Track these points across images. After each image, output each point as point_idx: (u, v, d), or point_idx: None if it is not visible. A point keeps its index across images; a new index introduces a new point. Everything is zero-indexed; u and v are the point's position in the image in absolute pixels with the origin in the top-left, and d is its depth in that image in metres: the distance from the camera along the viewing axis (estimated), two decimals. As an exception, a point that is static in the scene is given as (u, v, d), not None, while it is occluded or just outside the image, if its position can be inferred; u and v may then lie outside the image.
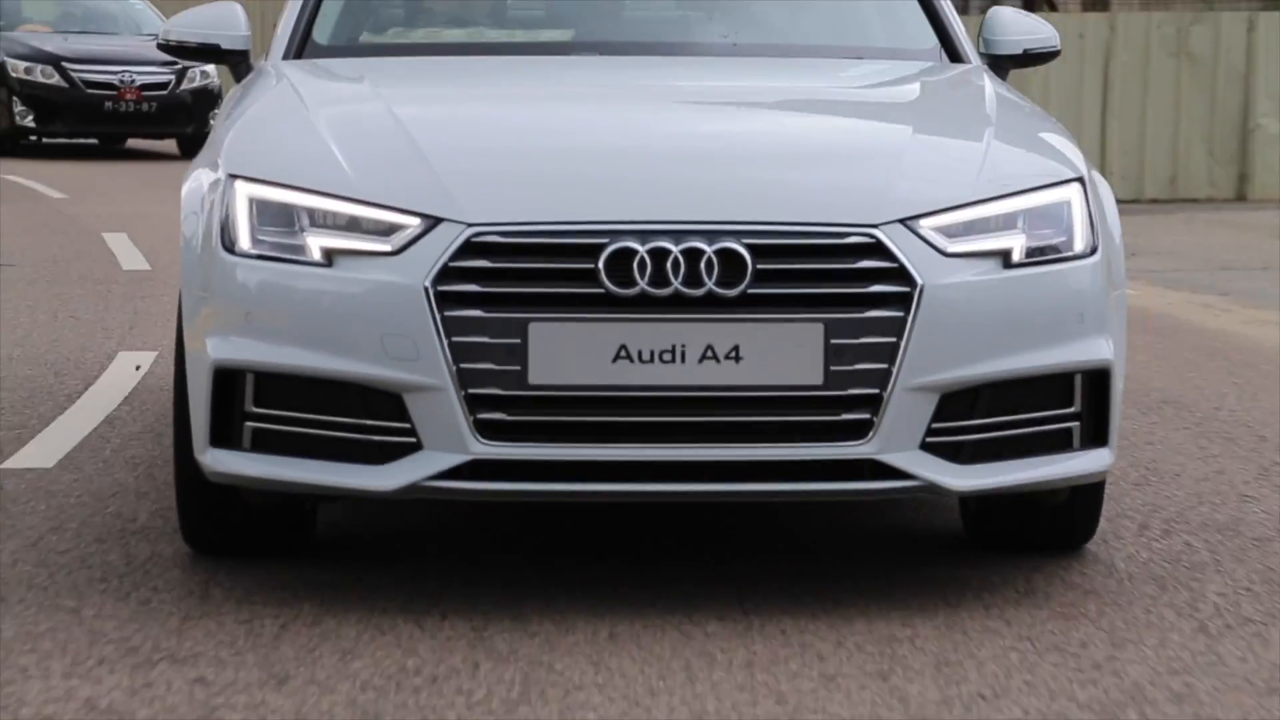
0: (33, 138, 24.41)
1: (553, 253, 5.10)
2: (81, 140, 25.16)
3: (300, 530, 5.77)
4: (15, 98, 23.91)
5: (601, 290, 5.08)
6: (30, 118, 24.07)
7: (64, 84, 23.98)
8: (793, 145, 5.58)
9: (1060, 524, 5.88)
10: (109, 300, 11.39)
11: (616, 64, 6.29)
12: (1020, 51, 6.59)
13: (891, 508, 6.44)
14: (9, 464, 6.97)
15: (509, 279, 5.09)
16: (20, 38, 24.57)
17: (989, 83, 6.20)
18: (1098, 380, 5.43)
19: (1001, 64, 6.59)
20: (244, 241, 5.28)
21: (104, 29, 25.55)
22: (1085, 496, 5.79)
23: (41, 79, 24.00)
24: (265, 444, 5.27)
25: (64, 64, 24.10)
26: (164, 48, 6.51)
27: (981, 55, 6.58)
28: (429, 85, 6.13)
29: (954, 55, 6.52)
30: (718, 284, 5.09)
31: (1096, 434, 5.45)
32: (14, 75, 23.93)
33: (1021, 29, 6.60)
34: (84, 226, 15.55)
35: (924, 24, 6.59)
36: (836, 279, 5.15)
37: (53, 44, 24.52)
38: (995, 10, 6.66)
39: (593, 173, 5.29)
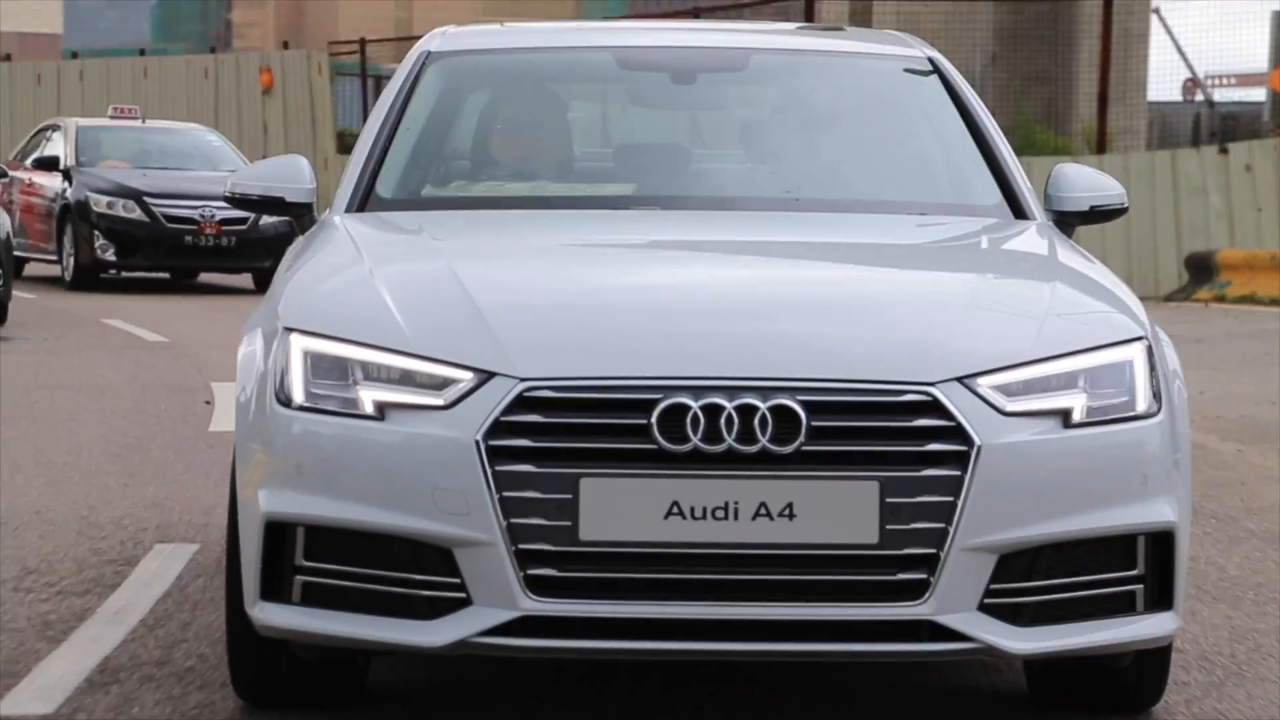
0: (112, 271, 24.54)
1: (605, 408, 5.01)
2: (154, 275, 25.30)
3: (352, 681, 5.66)
4: (97, 231, 24.10)
5: (654, 446, 4.98)
6: (111, 251, 24.27)
7: (145, 218, 24.19)
8: (849, 300, 5.48)
9: (1126, 686, 5.71)
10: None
11: (677, 218, 6.22)
12: (1087, 209, 6.48)
13: (954, 667, 6.27)
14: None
15: (561, 434, 5.00)
16: (101, 173, 24.84)
17: (1052, 240, 6.09)
18: (1161, 543, 5.28)
19: (1068, 220, 6.48)
20: (298, 394, 5.21)
21: (182, 165, 25.80)
22: (1151, 659, 5.63)
23: (123, 213, 24.22)
24: (315, 598, 5.18)
25: (145, 199, 24.33)
26: (231, 200, 6.47)
27: (1047, 211, 6.47)
28: (487, 239, 6.08)
29: (1019, 211, 6.42)
30: (772, 441, 4.98)
31: (1161, 597, 5.30)
32: (96, 210, 24.16)
33: (1088, 185, 6.49)
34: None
35: (989, 180, 6.50)
36: (892, 437, 5.04)
37: (134, 179, 24.76)
38: (1060, 167, 6.56)
39: (646, 328, 5.20)
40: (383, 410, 5.12)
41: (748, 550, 5.00)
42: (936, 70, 6.83)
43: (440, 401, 5.07)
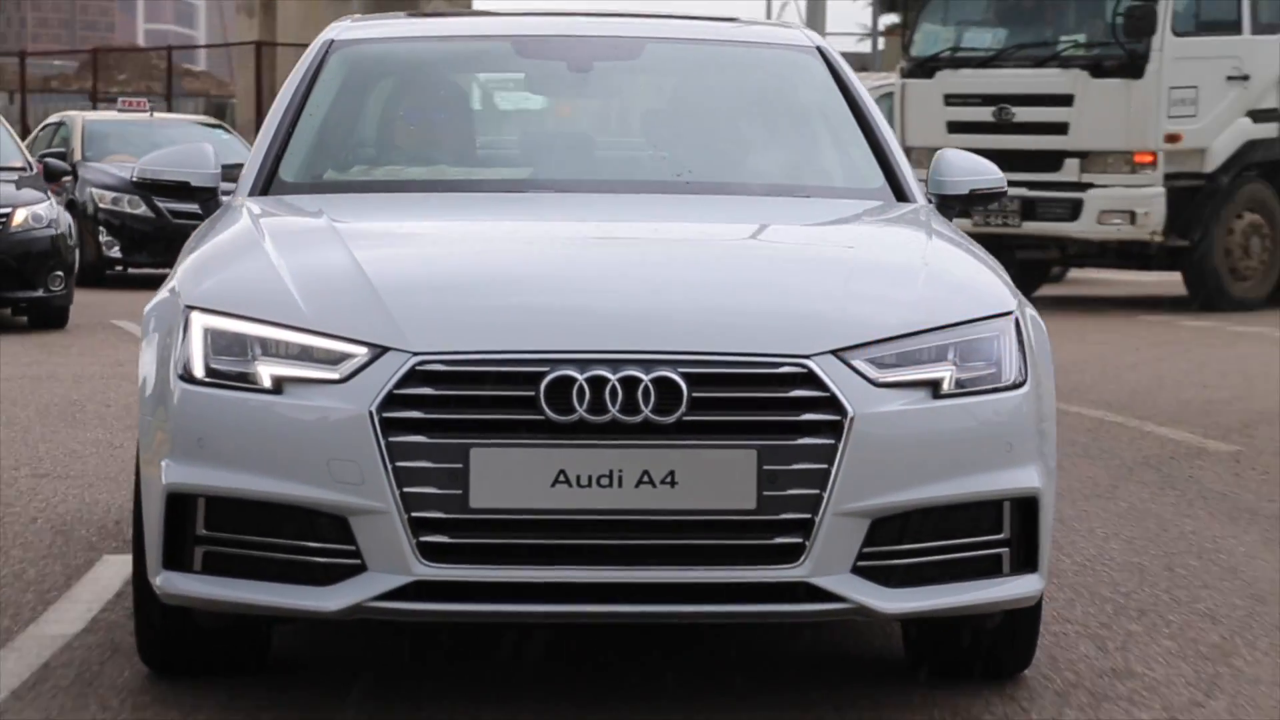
0: (118, 268, 23.89)
1: (494, 381, 5.08)
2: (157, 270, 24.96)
3: (257, 650, 5.71)
4: (101, 228, 23.23)
5: (541, 417, 5.05)
6: (116, 248, 23.44)
7: (151, 214, 23.40)
8: (730, 277, 5.56)
9: (998, 649, 5.80)
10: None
11: (570, 200, 6.28)
12: (967, 191, 6.58)
13: (836, 632, 6.37)
14: None
15: (452, 406, 5.06)
16: (106, 168, 23.74)
17: (929, 221, 6.18)
18: (1026, 508, 5.38)
19: (949, 203, 6.57)
20: (198, 369, 5.26)
21: None
22: (1021, 621, 5.73)
23: (128, 209, 23.47)
24: (215, 566, 5.23)
25: (152, 194, 23.69)
26: (139, 184, 6.51)
27: (931, 195, 6.57)
28: (384, 221, 6.13)
29: (900, 195, 6.51)
30: (654, 411, 5.06)
31: (1026, 560, 5.40)
32: (101, 206, 23.32)
33: (968, 169, 6.59)
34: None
35: (873, 164, 6.59)
36: (770, 407, 5.12)
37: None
38: (942, 152, 6.66)
39: (534, 304, 5.27)
40: (280, 385, 5.17)
41: (631, 516, 5.07)
42: (824, 58, 6.91)
43: (336, 375, 5.13)
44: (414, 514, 5.04)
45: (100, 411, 11.61)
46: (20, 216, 17.24)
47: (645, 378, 5.06)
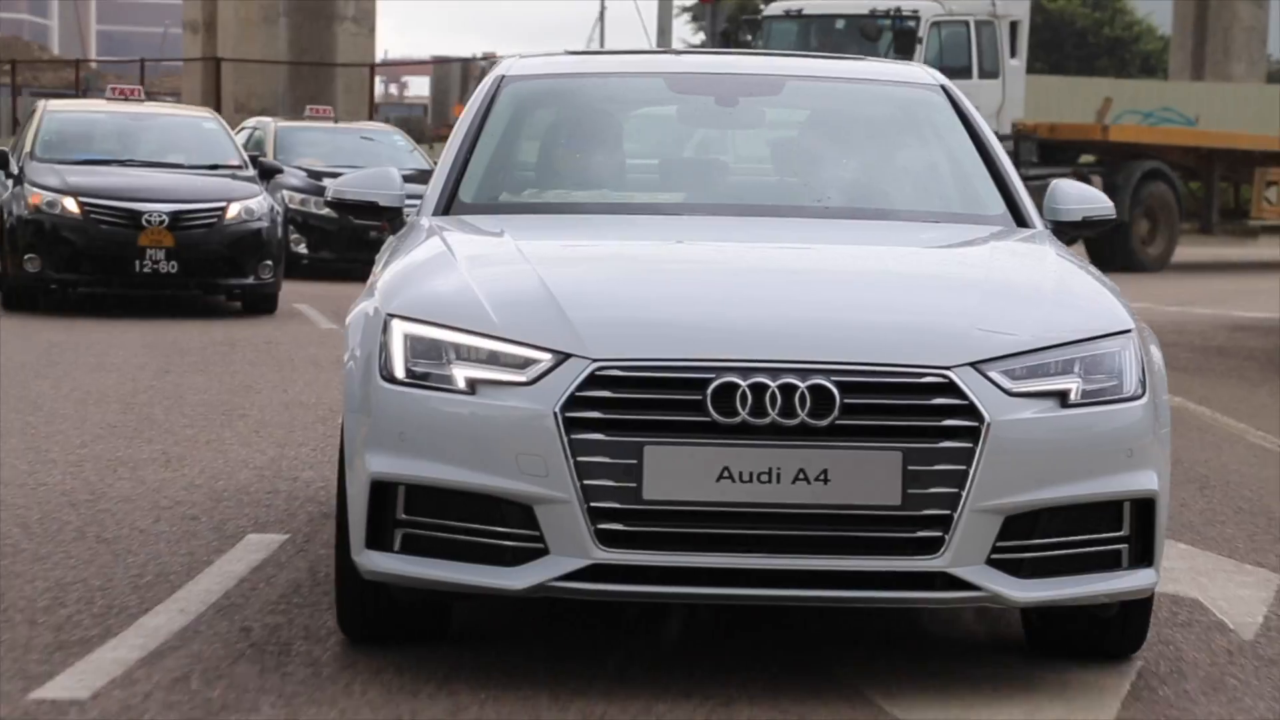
0: (304, 261, 24.49)
1: (666, 385, 5.49)
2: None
3: (439, 622, 6.12)
4: (290, 226, 24.03)
5: (708, 419, 5.45)
6: (303, 245, 24.44)
7: (334, 215, 24.19)
8: (876, 294, 5.96)
9: (1112, 634, 6.16)
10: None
11: (721, 223, 6.69)
12: (1080, 219, 6.95)
13: (961, 620, 6.72)
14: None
15: (627, 407, 5.48)
16: (296, 171, 24.79)
17: (1050, 246, 6.56)
18: (1144, 509, 5.76)
19: (1063, 230, 6.95)
20: (399, 371, 5.68)
21: (370, 164, 25.94)
22: (1135, 609, 6.09)
23: (314, 210, 24.43)
24: (413, 547, 5.66)
25: (343, 213, 24.25)
26: (331, 204, 6.96)
27: (1047, 221, 6.93)
28: (559, 239, 6.55)
29: (1020, 220, 6.88)
30: (810, 415, 5.46)
31: (1143, 555, 5.78)
32: (290, 206, 24.08)
33: (1082, 199, 6.96)
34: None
35: (994, 192, 6.97)
36: (914, 413, 5.52)
37: (324, 178, 24.94)
38: (1056, 183, 7.03)
39: (701, 317, 5.68)
40: (473, 386, 5.60)
41: (788, 510, 5.48)
42: (947, 95, 7.29)
43: (523, 379, 5.54)
44: (593, 504, 5.45)
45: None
46: (234, 210, 17.98)
47: (802, 385, 5.46)
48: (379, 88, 47.66)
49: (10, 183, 18.19)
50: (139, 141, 19.30)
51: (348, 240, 24.51)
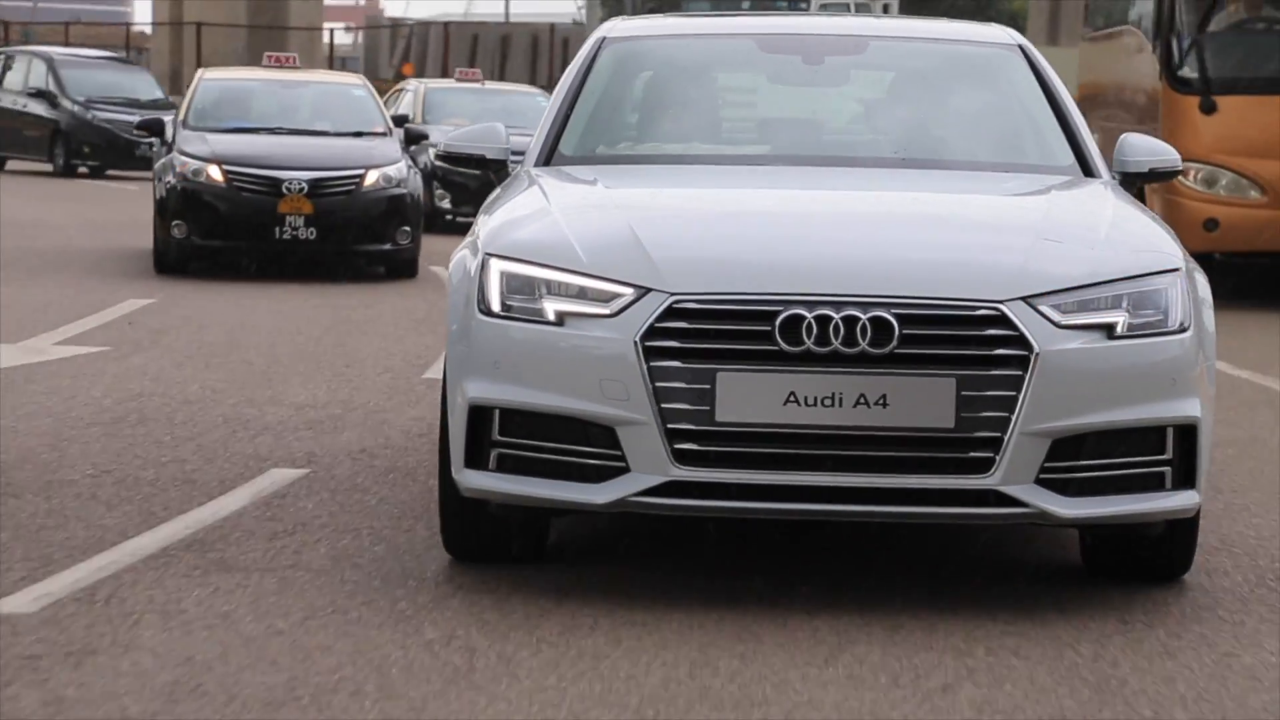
0: (448, 217, 24.97)
1: (737, 317, 5.82)
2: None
3: (536, 541, 6.47)
4: (436, 183, 24.50)
5: (776, 348, 5.78)
6: (447, 200, 24.89)
7: (477, 171, 24.51)
8: (937, 234, 6.26)
9: (1161, 556, 6.41)
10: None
11: (801, 172, 7.00)
12: (1147, 170, 7.17)
13: (1021, 543, 6.99)
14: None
15: (702, 337, 5.82)
16: (444, 131, 25.18)
17: (1111, 193, 6.81)
18: (1186, 434, 6.03)
19: (1130, 180, 7.17)
20: (495, 305, 6.05)
21: (514, 122, 26.15)
22: (1180, 533, 6.33)
23: (459, 166, 24.79)
24: (507, 466, 6.03)
25: (454, 165, 24.65)
26: (442, 157, 7.33)
27: (1115, 173, 7.16)
28: (645, 187, 6.89)
29: (1089, 172, 7.12)
30: (870, 345, 5.77)
31: (1186, 478, 6.04)
32: (436, 163, 24.31)
33: (1149, 151, 7.18)
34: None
35: (1065, 145, 7.21)
36: (968, 343, 5.82)
37: None
38: (1125, 136, 7.27)
39: (771, 254, 6.01)
40: (561, 318, 5.95)
41: (849, 431, 5.80)
42: (1025, 54, 7.54)
43: (607, 311, 5.89)
44: (670, 425, 5.80)
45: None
46: (372, 177, 18.21)
47: (863, 316, 5.77)
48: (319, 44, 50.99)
49: (165, 150, 18.62)
50: (288, 109, 19.55)
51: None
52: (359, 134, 19.21)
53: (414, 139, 20.51)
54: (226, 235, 17.85)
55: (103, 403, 9.92)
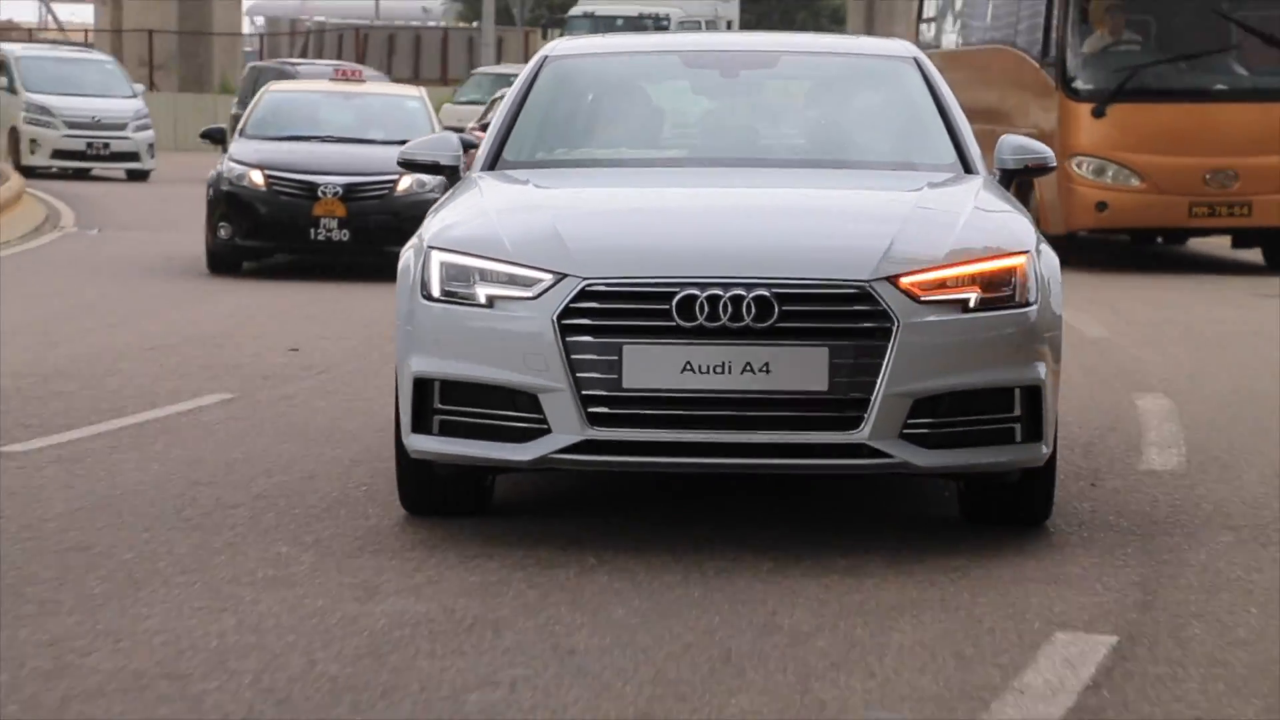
0: None
1: (640, 298, 6.61)
2: None
3: (478, 497, 7.21)
4: None
5: (673, 324, 6.55)
6: None
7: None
8: (816, 222, 7.09)
9: (1023, 502, 7.12)
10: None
11: (713, 172, 7.76)
12: (1022, 166, 7.88)
13: (906, 499, 7.71)
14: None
15: (610, 316, 6.60)
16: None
17: (981, 185, 7.53)
18: (1032, 394, 6.75)
19: (1009, 176, 7.88)
20: (435, 290, 6.82)
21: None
22: (1037, 481, 7.04)
23: None
24: (448, 430, 6.81)
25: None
26: (403, 164, 8.07)
27: (996, 171, 7.87)
28: (571, 186, 7.68)
29: (968, 168, 7.83)
30: (754, 320, 6.53)
31: (1033, 432, 6.75)
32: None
33: (1023, 149, 7.89)
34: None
35: (949, 146, 7.92)
36: (839, 318, 6.58)
37: None
38: (1003, 137, 8.00)
39: (670, 243, 6.81)
40: (491, 301, 6.71)
41: (738, 395, 6.57)
42: (918, 65, 8.25)
43: (529, 294, 6.65)
44: (584, 392, 6.56)
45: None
46: (406, 183, 18.66)
47: (748, 295, 6.52)
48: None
49: (224, 158, 19.29)
50: (343, 119, 20.01)
51: None
52: (404, 142, 19.59)
53: (468, 148, 21.02)
54: (265, 236, 18.43)
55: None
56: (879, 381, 6.56)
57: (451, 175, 8.06)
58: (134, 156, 32.62)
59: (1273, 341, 13.03)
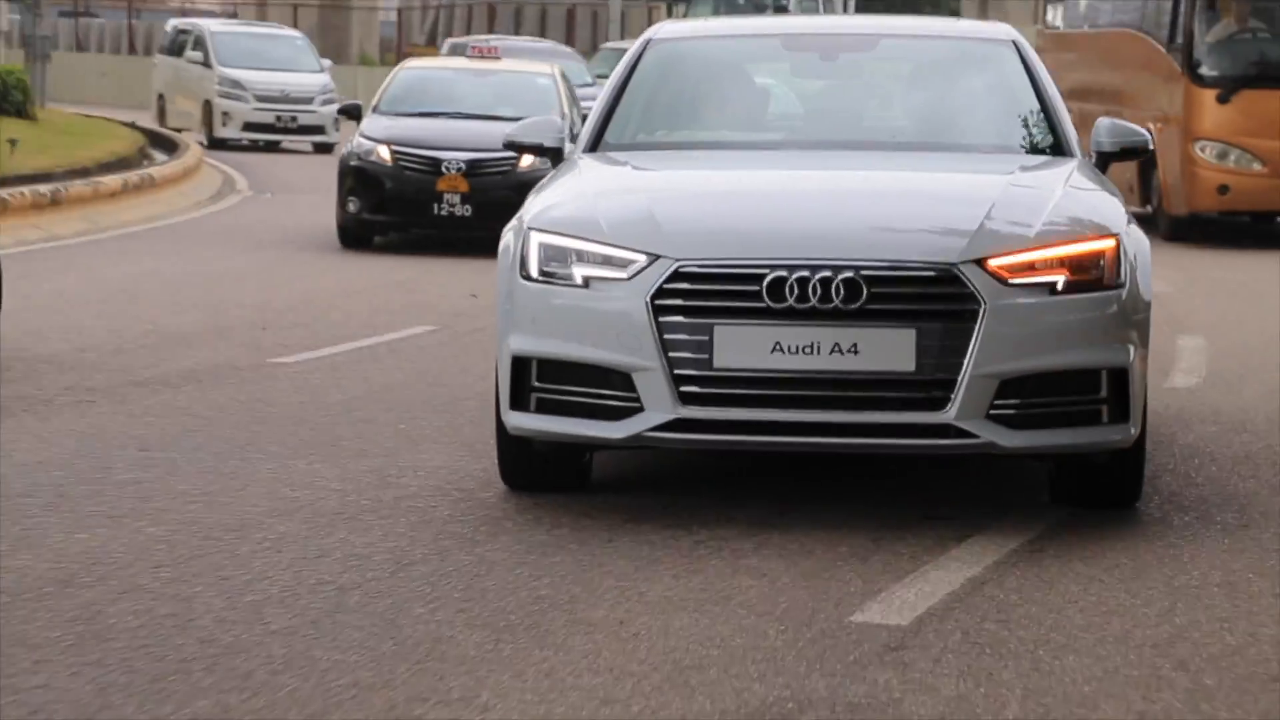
0: None
1: (731, 280, 6.70)
2: None
3: (578, 473, 7.33)
4: None
5: (763, 305, 6.64)
6: None
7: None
8: (904, 204, 7.17)
9: (1114, 485, 7.16)
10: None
11: (809, 155, 7.82)
12: (1118, 149, 7.89)
13: (998, 478, 7.75)
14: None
15: (702, 296, 6.71)
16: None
17: (1078, 169, 7.55)
18: (1119, 376, 6.78)
19: (1104, 159, 7.90)
20: (534, 271, 6.95)
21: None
22: (1127, 463, 7.07)
23: None
24: (544, 407, 6.95)
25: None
26: (508, 145, 8.20)
27: (1091, 153, 7.89)
28: (669, 168, 7.78)
29: (1065, 151, 7.85)
30: (842, 302, 6.61)
31: (1119, 414, 6.79)
32: None
33: (1119, 133, 7.90)
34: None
35: (1046, 129, 7.95)
36: (927, 299, 6.64)
37: None
38: (1099, 120, 8.00)
39: (761, 226, 6.91)
40: (588, 281, 6.83)
41: (826, 375, 6.65)
42: (1017, 48, 8.27)
43: (624, 275, 6.77)
44: (676, 371, 6.68)
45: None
46: (528, 160, 18.70)
47: (836, 277, 6.61)
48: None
49: (356, 134, 19.50)
50: (475, 96, 19.91)
51: None
52: None
53: None
54: (390, 211, 18.55)
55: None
56: (965, 363, 6.62)
57: (555, 157, 8.18)
58: (320, 130, 32.87)
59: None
